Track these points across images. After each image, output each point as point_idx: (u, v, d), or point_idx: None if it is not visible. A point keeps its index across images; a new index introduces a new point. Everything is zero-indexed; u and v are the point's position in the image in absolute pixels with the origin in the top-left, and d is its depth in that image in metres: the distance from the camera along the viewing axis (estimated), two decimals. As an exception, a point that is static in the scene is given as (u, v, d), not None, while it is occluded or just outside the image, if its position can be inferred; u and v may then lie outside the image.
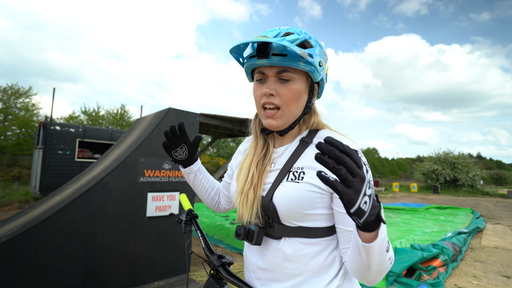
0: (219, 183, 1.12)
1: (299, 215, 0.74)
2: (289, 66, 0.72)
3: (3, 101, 17.32)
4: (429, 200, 14.71)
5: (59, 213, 2.35)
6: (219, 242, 4.88)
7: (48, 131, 7.89)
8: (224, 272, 0.83)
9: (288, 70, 0.74)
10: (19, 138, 17.15)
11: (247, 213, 0.78)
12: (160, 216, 2.98)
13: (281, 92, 0.75)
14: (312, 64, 0.73)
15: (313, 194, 0.73)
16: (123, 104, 27.17)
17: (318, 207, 0.74)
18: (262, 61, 0.73)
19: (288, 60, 0.71)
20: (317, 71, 0.75)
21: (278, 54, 0.71)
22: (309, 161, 0.76)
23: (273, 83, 0.75)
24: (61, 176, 7.88)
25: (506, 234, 6.43)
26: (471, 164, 22.25)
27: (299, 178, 0.75)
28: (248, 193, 0.79)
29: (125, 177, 2.77)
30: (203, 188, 1.05)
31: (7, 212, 7.38)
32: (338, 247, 0.78)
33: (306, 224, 0.75)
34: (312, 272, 0.75)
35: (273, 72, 0.75)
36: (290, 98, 0.75)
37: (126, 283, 2.71)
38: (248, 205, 0.78)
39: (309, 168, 0.75)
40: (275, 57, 0.72)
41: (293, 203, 0.73)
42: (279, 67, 0.74)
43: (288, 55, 0.71)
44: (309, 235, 0.75)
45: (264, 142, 0.88)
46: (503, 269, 4.05)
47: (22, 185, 12.33)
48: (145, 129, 3.17)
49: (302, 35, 0.74)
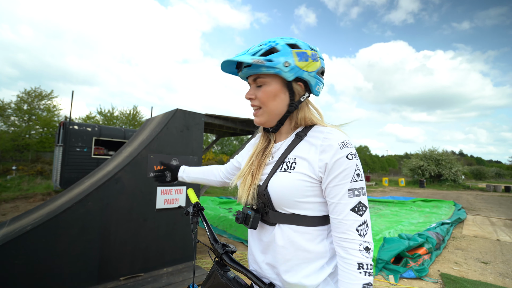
0: (214, 166, 1.24)
1: (290, 202, 0.74)
2: (255, 73, 0.78)
3: (28, 103, 17.38)
4: (416, 193, 14.67)
5: (77, 205, 2.36)
6: (222, 232, 4.89)
7: (67, 130, 7.90)
8: (228, 259, 0.84)
9: (260, 76, 0.79)
10: (41, 136, 17.21)
11: (245, 195, 0.81)
12: (168, 208, 2.98)
13: (258, 95, 0.81)
14: (274, 67, 0.74)
15: (303, 183, 0.73)
16: (135, 106, 27.18)
17: (308, 195, 0.74)
18: (240, 73, 0.83)
19: (252, 69, 0.77)
20: (283, 72, 0.75)
21: (247, 66, 0.78)
22: (301, 152, 0.77)
23: (252, 89, 0.82)
24: (79, 171, 7.90)
25: (484, 224, 6.42)
26: (453, 161, 22.15)
27: (291, 168, 0.76)
28: (246, 177, 0.84)
29: (137, 173, 2.77)
30: (198, 181, 1.25)
31: (31, 203, 7.42)
32: (329, 237, 0.77)
33: (298, 211, 0.75)
34: (302, 258, 0.75)
35: (251, 79, 0.82)
36: (266, 99, 0.80)
37: (137, 269, 2.72)
38: (246, 187, 0.82)
39: (300, 158, 0.76)
40: (245, 68, 0.79)
41: (284, 191, 0.74)
42: (254, 75, 0.80)
43: (252, 65, 0.77)
44: (301, 223, 0.75)
45: (266, 138, 0.90)
46: (481, 256, 4.05)
47: (45, 179, 12.39)
48: (155, 128, 3.17)
49: (268, 45, 0.77)
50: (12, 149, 16.03)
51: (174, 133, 3.10)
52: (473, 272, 3.42)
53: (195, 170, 1.26)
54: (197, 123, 3.33)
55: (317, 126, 0.82)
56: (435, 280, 3.11)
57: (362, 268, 0.68)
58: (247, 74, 0.81)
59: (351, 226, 0.70)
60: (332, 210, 0.73)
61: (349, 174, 0.71)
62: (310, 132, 0.80)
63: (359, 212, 0.71)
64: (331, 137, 0.74)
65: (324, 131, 0.77)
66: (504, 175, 39.17)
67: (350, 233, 0.70)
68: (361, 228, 0.70)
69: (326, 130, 0.77)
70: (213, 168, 1.22)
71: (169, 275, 2.78)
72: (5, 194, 8.29)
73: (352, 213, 0.70)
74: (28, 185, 10.47)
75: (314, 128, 0.81)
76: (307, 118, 0.83)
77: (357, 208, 0.70)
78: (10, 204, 7.32)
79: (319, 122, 0.83)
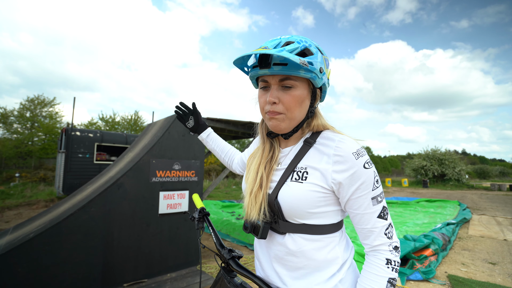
0: (231, 148, 1.21)
1: (302, 213, 0.71)
2: (290, 74, 0.69)
3: (31, 110, 17.52)
4: (419, 194, 14.56)
5: (80, 211, 2.35)
6: (226, 236, 4.86)
7: (70, 136, 7.94)
8: (235, 264, 0.82)
9: (290, 78, 0.71)
10: (44, 143, 17.30)
11: (255, 213, 0.76)
12: (171, 213, 2.97)
13: (284, 99, 0.72)
14: (313, 71, 0.70)
15: (316, 193, 0.71)
16: (136, 111, 27.32)
17: (321, 205, 0.72)
18: (264, 71, 0.71)
19: (288, 69, 0.69)
20: (318, 77, 0.72)
21: (279, 63, 0.69)
22: (312, 161, 0.74)
23: (275, 91, 0.72)
24: (82, 177, 7.93)
25: (490, 224, 6.34)
26: (457, 160, 22.00)
27: (302, 178, 0.72)
28: (257, 194, 0.77)
29: (139, 178, 2.76)
30: (215, 152, 1.21)
31: (34, 210, 7.44)
32: (340, 244, 0.76)
33: (309, 221, 0.72)
34: (314, 266, 0.73)
35: (276, 80, 0.72)
36: (293, 104, 0.72)
37: (141, 275, 2.70)
38: (257, 205, 0.76)
39: (312, 168, 0.73)
40: (276, 66, 0.69)
41: (296, 203, 0.71)
42: (281, 75, 0.71)
43: (289, 64, 0.68)
44: (312, 232, 0.73)
45: (270, 145, 0.85)
46: (488, 257, 3.98)
47: (47, 185, 12.42)
48: (156, 133, 3.17)
49: (302, 44, 0.71)
50: (15, 156, 16.14)
51: (175, 138, 3.09)
52: (481, 273, 3.37)
53: (218, 142, 1.20)
54: (198, 127, 3.32)
55: (325, 132, 0.79)
56: (443, 282, 3.06)
57: (390, 264, 0.70)
58: (276, 73, 0.70)
59: (380, 232, 0.71)
60: (358, 220, 0.72)
61: (369, 183, 0.70)
62: (319, 139, 0.77)
63: (384, 216, 0.71)
64: (344, 147, 0.71)
65: (336, 139, 0.73)
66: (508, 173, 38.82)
67: (380, 239, 0.71)
68: (389, 231, 0.71)
69: (337, 138, 0.74)
70: (233, 152, 1.19)
71: (172, 280, 2.76)
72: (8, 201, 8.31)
73: (379, 219, 0.71)
74: (31, 192, 10.50)
75: (323, 134, 0.78)
76: (320, 125, 0.81)
77: (382, 214, 0.71)
78: (14, 211, 7.34)
79: (331, 128, 0.81)
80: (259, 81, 0.77)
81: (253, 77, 0.78)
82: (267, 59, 0.70)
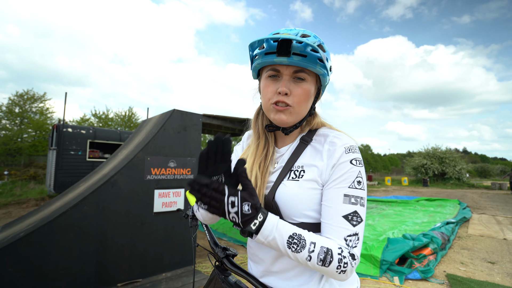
0: None
1: (300, 212, 0.72)
2: (307, 67, 0.68)
3: (20, 106, 17.32)
4: (419, 192, 14.70)
5: (72, 210, 2.34)
6: (222, 235, 4.88)
7: (61, 133, 7.87)
8: (229, 263, 0.82)
9: (304, 71, 0.70)
10: (34, 140, 17.17)
11: None
12: (166, 211, 2.97)
13: (295, 91, 0.71)
14: (326, 68, 0.71)
15: (313, 191, 0.71)
16: (130, 107, 27.13)
17: (319, 202, 0.72)
18: (281, 59, 0.68)
19: (307, 61, 0.67)
20: (327, 75, 0.73)
21: (299, 54, 0.67)
22: (309, 159, 0.74)
23: (288, 82, 0.71)
24: (74, 175, 7.87)
25: (490, 223, 6.43)
26: (457, 159, 22.23)
27: (299, 177, 0.72)
28: None
29: (133, 175, 2.76)
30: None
31: (24, 209, 7.39)
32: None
33: (307, 220, 0.73)
34: (304, 268, 0.73)
35: (290, 71, 0.70)
36: (303, 98, 0.72)
37: (135, 275, 2.71)
38: None
39: (308, 166, 0.73)
40: (295, 56, 0.67)
41: (294, 201, 0.71)
42: (296, 66, 0.69)
43: (308, 57, 0.67)
44: (309, 230, 0.72)
45: (265, 141, 0.83)
46: (488, 256, 4.05)
47: (38, 184, 12.34)
48: (151, 130, 3.16)
49: (318, 39, 0.71)
50: (4, 154, 15.99)
51: (171, 134, 3.09)
52: (480, 272, 3.42)
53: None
54: (194, 123, 3.32)
55: (321, 129, 0.79)
56: (441, 281, 3.12)
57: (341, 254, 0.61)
58: (295, 64, 0.68)
59: (339, 234, 0.64)
60: (324, 213, 0.68)
61: (348, 179, 0.68)
62: (315, 136, 0.78)
63: (352, 221, 0.65)
64: (337, 142, 0.72)
65: (330, 134, 0.75)
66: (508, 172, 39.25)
67: (337, 239, 0.64)
68: (351, 239, 0.64)
69: (332, 134, 0.75)
70: None
71: (168, 280, 2.77)
72: (-3, 200, 8.24)
73: (344, 220, 0.65)
74: (21, 190, 10.42)
75: (319, 131, 0.79)
76: (319, 122, 0.82)
77: (350, 217, 0.65)
78: (2, 210, 7.28)
79: (328, 125, 0.82)
80: (267, 70, 0.74)
81: (262, 65, 0.73)
82: (288, 46, 0.66)
